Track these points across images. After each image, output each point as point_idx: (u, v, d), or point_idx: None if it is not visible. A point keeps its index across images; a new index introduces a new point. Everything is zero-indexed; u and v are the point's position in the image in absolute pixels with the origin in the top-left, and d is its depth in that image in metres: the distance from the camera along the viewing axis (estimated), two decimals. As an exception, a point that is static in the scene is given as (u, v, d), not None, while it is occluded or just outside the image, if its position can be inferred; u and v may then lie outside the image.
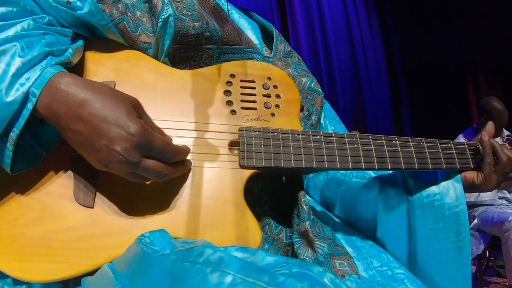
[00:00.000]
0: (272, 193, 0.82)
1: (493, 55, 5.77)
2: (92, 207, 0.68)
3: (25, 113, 0.61)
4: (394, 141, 0.79)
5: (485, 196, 2.80)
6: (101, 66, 0.76)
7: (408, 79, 6.41)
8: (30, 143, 0.68)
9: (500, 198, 2.88)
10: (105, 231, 0.67)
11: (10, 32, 0.65)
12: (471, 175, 0.85)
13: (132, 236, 0.65)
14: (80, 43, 0.75)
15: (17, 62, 0.62)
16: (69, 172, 0.70)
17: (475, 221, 2.80)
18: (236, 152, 0.75)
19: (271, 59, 0.93)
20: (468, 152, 0.84)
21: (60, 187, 0.68)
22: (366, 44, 5.93)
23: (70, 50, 0.71)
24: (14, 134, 0.61)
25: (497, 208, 2.77)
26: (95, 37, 0.80)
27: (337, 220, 0.96)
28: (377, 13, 6.24)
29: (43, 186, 0.68)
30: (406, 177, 0.86)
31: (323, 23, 5.36)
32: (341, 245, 0.76)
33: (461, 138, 3.05)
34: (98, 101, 0.62)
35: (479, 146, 0.85)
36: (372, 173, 0.92)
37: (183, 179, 0.71)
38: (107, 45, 0.79)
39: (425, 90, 6.42)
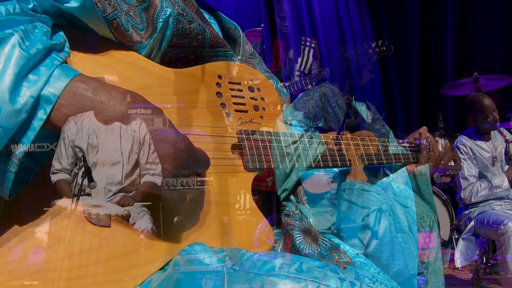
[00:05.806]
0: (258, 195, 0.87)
1: (490, 53, 5.87)
2: (109, 226, 0.62)
3: (36, 125, 0.52)
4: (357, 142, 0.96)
5: (499, 188, 2.85)
6: (98, 65, 0.71)
7: (401, 77, 6.48)
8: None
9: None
10: (126, 249, 0.62)
11: None
12: (411, 167, 1.07)
13: (159, 249, 0.63)
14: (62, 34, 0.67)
15: (20, 57, 0.51)
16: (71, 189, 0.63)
17: (472, 223, 2.83)
18: (237, 155, 0.79)
19: (239, 61, 0.95)
20: (408, 150, 1.10)
21: (62, 208, 0.61)
22: (358, 41, 5.97)
23: (67, 44, 0.63)
24: (19, 152, 0.52)
25: (493, 209, 2.81)
26: (73, 27, 0.72)
27: None
28: (369, 8, 6.30)
29: (42, 209, 0.60)
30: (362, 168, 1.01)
31: (312, 19, 5.39)
32: (332, 239, 0.88)
33: (462, 139, 3.11)
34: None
35: (418, 145, 1.10)
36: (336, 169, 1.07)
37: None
38: (96, 39, 0.72)
39: (420, 89, 6.50)
